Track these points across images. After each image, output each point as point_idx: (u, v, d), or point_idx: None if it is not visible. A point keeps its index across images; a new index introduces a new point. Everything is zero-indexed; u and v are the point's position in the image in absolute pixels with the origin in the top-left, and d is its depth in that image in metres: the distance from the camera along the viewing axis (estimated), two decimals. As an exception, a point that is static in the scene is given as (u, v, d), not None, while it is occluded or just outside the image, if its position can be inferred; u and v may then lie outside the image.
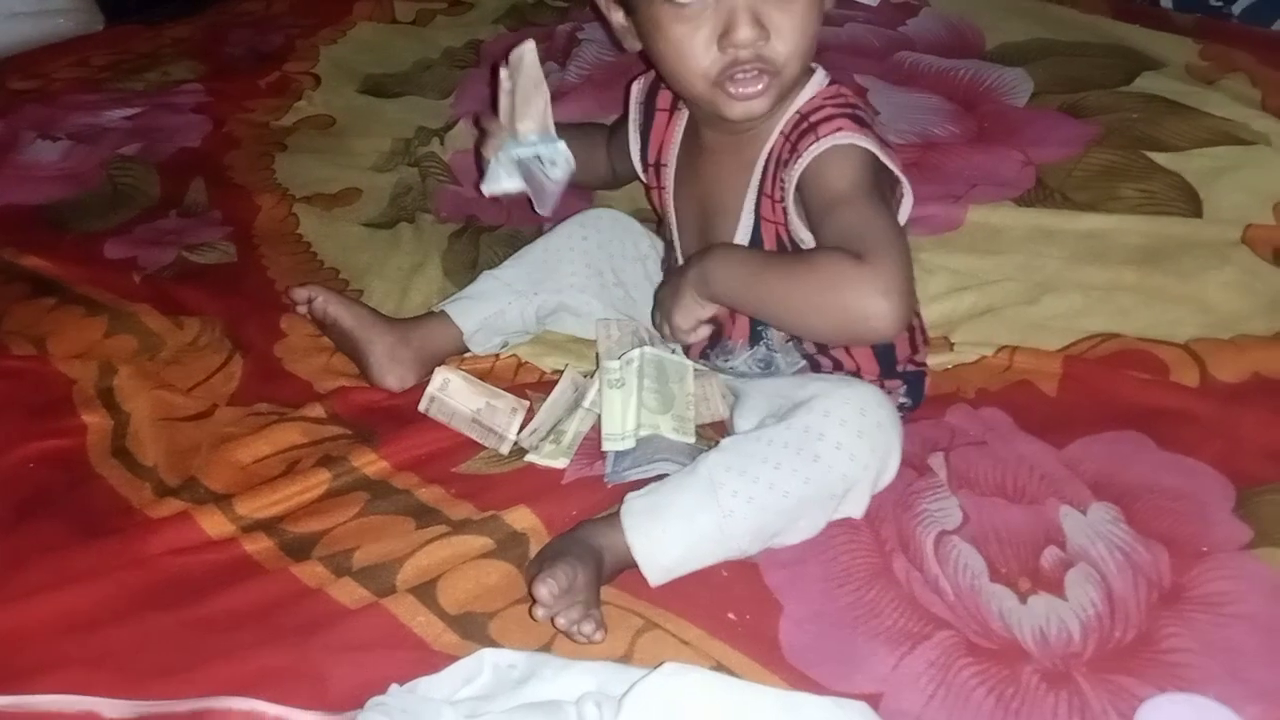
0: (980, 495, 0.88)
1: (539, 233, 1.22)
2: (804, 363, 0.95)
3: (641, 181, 1.08)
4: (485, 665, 0.74)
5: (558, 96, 1.51)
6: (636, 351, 0.92)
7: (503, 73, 0.96)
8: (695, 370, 0.95)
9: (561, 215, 1.10)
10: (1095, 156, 1.28)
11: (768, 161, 0.89)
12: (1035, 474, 0.89)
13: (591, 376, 0.99)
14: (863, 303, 0.76)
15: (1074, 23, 1.60)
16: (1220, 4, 1.60)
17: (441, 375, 0.98)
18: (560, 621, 0.75)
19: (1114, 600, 0.79)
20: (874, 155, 0.84)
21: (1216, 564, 0.81)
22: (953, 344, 1.05)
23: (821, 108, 0.86)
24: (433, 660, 0.77)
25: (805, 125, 0.86)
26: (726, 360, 0.98)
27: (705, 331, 0.91)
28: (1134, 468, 0.89)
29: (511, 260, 1.09)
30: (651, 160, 1.02)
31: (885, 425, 0.83)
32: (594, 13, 1.01)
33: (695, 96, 0.87)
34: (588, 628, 0.75)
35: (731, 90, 0.84)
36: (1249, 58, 1.45)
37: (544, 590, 0.74)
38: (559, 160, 0.95)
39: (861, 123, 0.85)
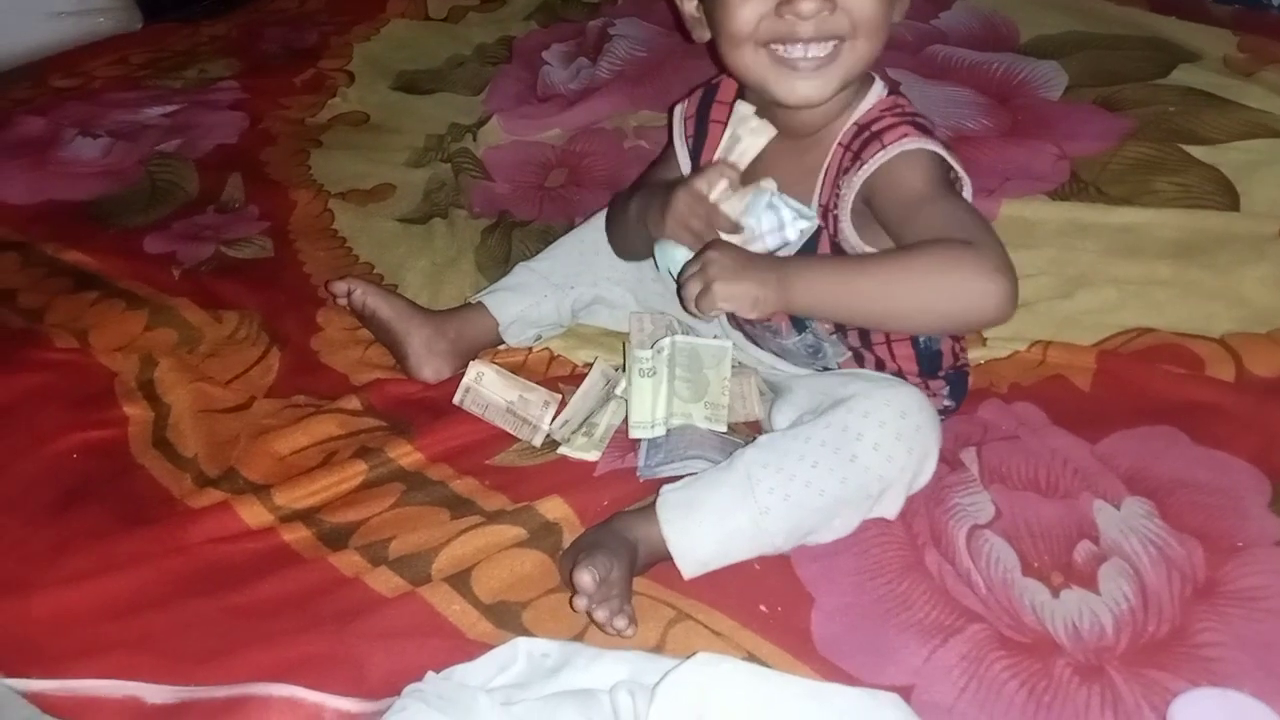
0: (1013, 490, 0.88)
1: (570, 227, 1.23)
2: (849, 353, 0.95)
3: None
4: (520, 653, 0.75)
5: (589, 92, 1.53)
6: (668, 340, 0.93)
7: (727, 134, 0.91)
8: (734, 366, 0.95)
9: (596, 211, 1.10)
10: (1130, 150, 1.27)
11: (828, 171, 0.87)
12: (1068, 468, 0.89)
13: (622, 369, 1.00)
14: (981, 282, 0.74)
15: (1109, 16, 1.59)
16: (1259, -5, 1.58)
17: (476, 368, 0.99)
18: (599, 614, 0.76)
19: (1147, 594, 0.78)
20: (942, 158, 0.84)
21: (1251, 559, 0.80)
22: (985, 339, 1.05)
23: (881, 118, 0.85)
24: (468, 648, 0.78)
25: (868, 134, 0.85)
26: (776, 337, 0.97)
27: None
28: (1168, 462, 0.89)
29: (547, 252, 1.10)
30: None
31: (924, 429, 0.83)
32: (668, 5, 0.98)
33: (745, 69, 0.84)
34: (620, 622, 0.76)
35: (785, 55, 0.81)
36: (1288, 50, 1.44)
37: (587, 578, 0.75)
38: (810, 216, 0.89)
39: (924, 130, 0.85)
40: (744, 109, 0.88)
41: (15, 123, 1.58)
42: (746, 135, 0.88)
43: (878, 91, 0.88)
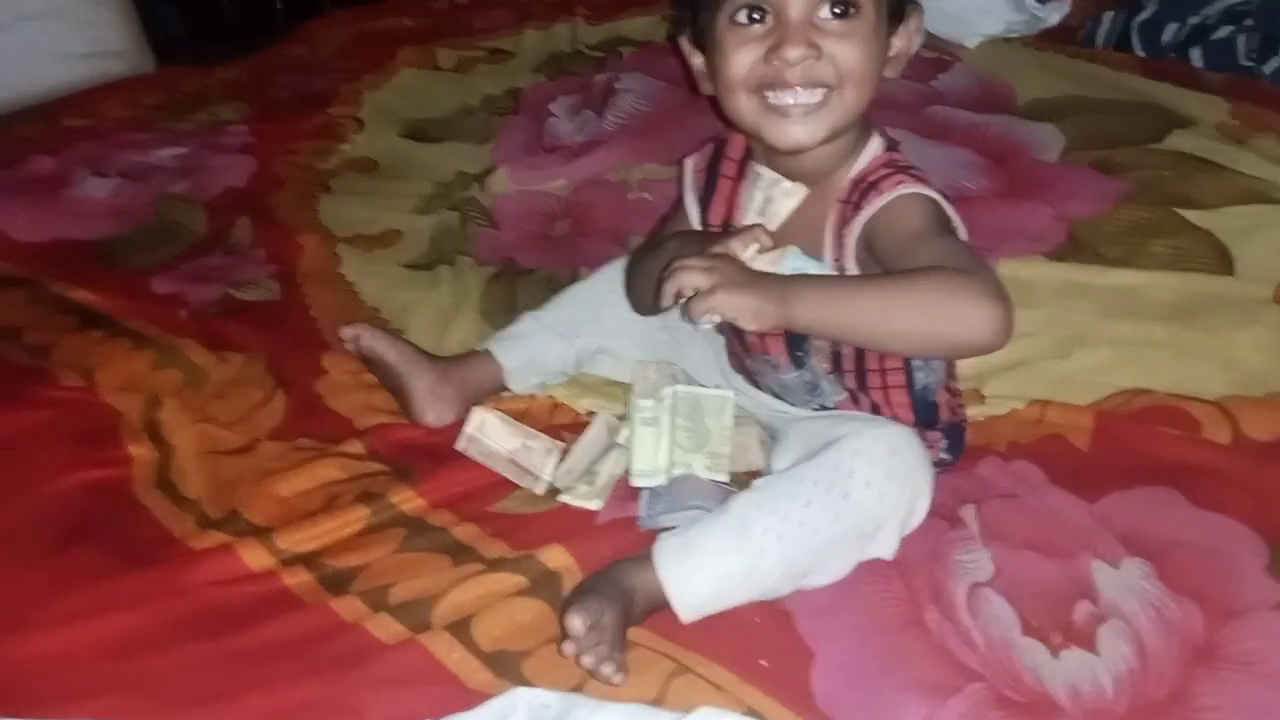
0: (1012, 548, 0.88)
1: (575, 276, 1.25)
2: (845, 394, 0.96)
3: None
4: (519, 704, 0.75)
5: (594, 144, 1.55)
6: (670, 389, 0.94)
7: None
8: (736, 416, 0.96)
9: (601, 261, 1.12)
10: (1126, 212, 1.29)
11: (833, 226, 0.90)
12: (1067, 528, 0.89)
13: (625, 418, 1.01)
14: (979, 307, 0.76)
15: (1105, 80, 1.62)
16: (1251, 64, 1.61)
17: (479, 415, 1.00)
18: (586, 660, 0.76)
19: (1147, 656, 0.79)
20: (938, 204, 0.87)
21: (1249, 622, 0.81)
22: (984, 396, 1.06)
23: (876, 171, 0.89)
24: (467, 698, 0.77)
25: (866, 185, 0.88)
26: (775, 372, 0.98)
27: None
28: (1165, 524, 0.89)
29: (554, 302, 1.12)
30: (717, 223, 1.00)
31: (915, 466, 0.84)
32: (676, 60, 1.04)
33: (740, 115, 0.88)
34: (607, 669, 0.76)
35: (776, 102, 0.85)
36: (1280, 118, 1.47)
37: (577, 621, 0.75)
38: None
39: (921, 180, 0.88)
40: (772, 174, 0.91)
41: (26, 161, 1.60)
42: (780, 197, 0.91)
43: (874, 149, 0.91)
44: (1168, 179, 1.34)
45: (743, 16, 0.85)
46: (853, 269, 0.88)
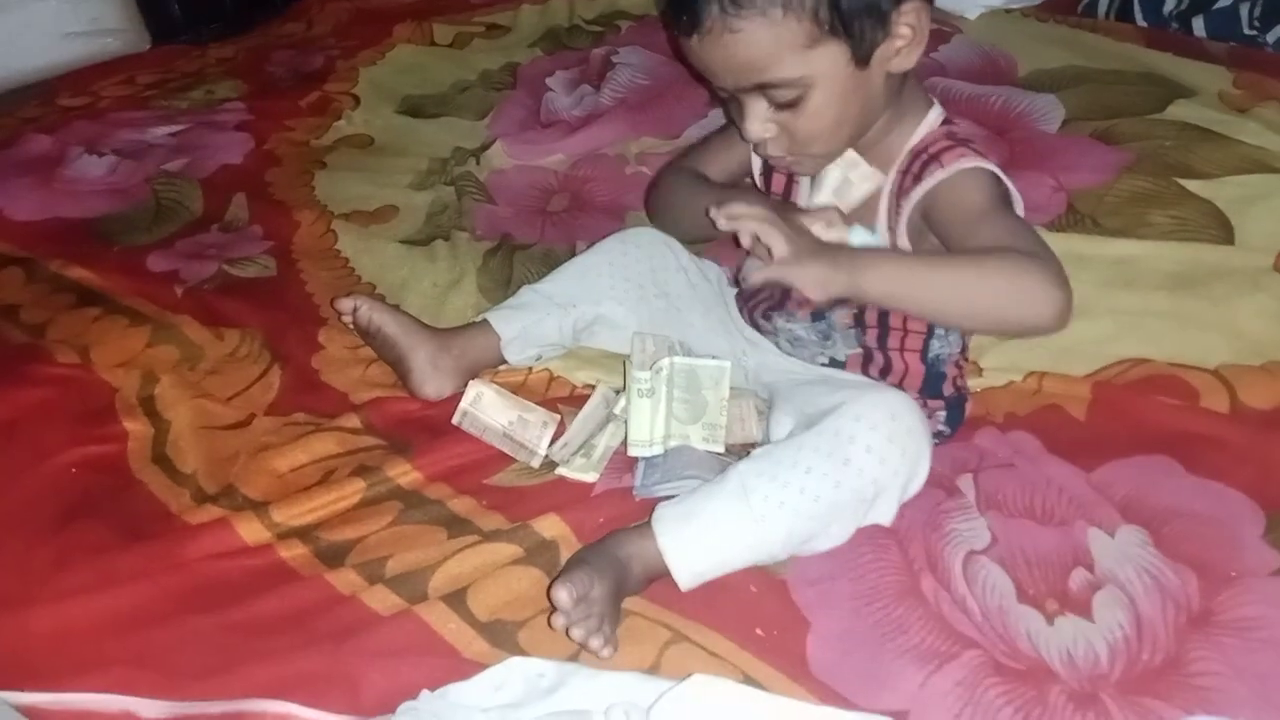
0: (1008, 516, 0.88)
1: (573, 251, 1.24)
2: (859, 349, 0.96)
3: (752, 182, 1.07)
4: (515, 673, 0.75)
5: (592, 118, 1.54)
6: (666, 360, 0.94)
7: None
8: (732, 389, 0.96)
9: (598, 236, 1.11)
10: (1127, 183, 1.28)
11: (892, 195, 0.91)
12: (1064, 496, 0.89)
13: (623, 391, 1.01)
14: (1046, 290, 0.79)
15: (1107, 51, 1.61)
16: (1254, 33, 1.60)
17: (475, 389, 1.00)
18: (575, 633, 0.76)
19: (1142, 623, 0.79)
20: (999, 178, 0.87)
21: (1246, 589, 0.81)
22: (982, 369, 1.05)
23: (936, 142, 0.90)
24: (463, 667, 0.78)
25: (926, 157, 0.89)
26: (787, 321, 0.99)
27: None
28: (1163, 492, 0.89)
29: (551, 275, 1.11)
30: (779, 191, 1.01)
31: (915, 431, 0.83)
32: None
33: None
34: (595, 642, 0.76)
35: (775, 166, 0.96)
36: (1282, 87, 1.45)
37: (563, 594, 0.76)
38: None
39: (981, 154, 0.88)
40: (854, 154, 0.91)
41: (23, 140, 1.60)
42: (858, 181, 0.91)
43: (933, 119, 0.91)
44: (1169, 149, 1.33)
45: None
46: (903, 237, 0.90)
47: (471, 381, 1.01)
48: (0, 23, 1.87)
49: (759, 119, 0.88)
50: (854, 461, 0.81)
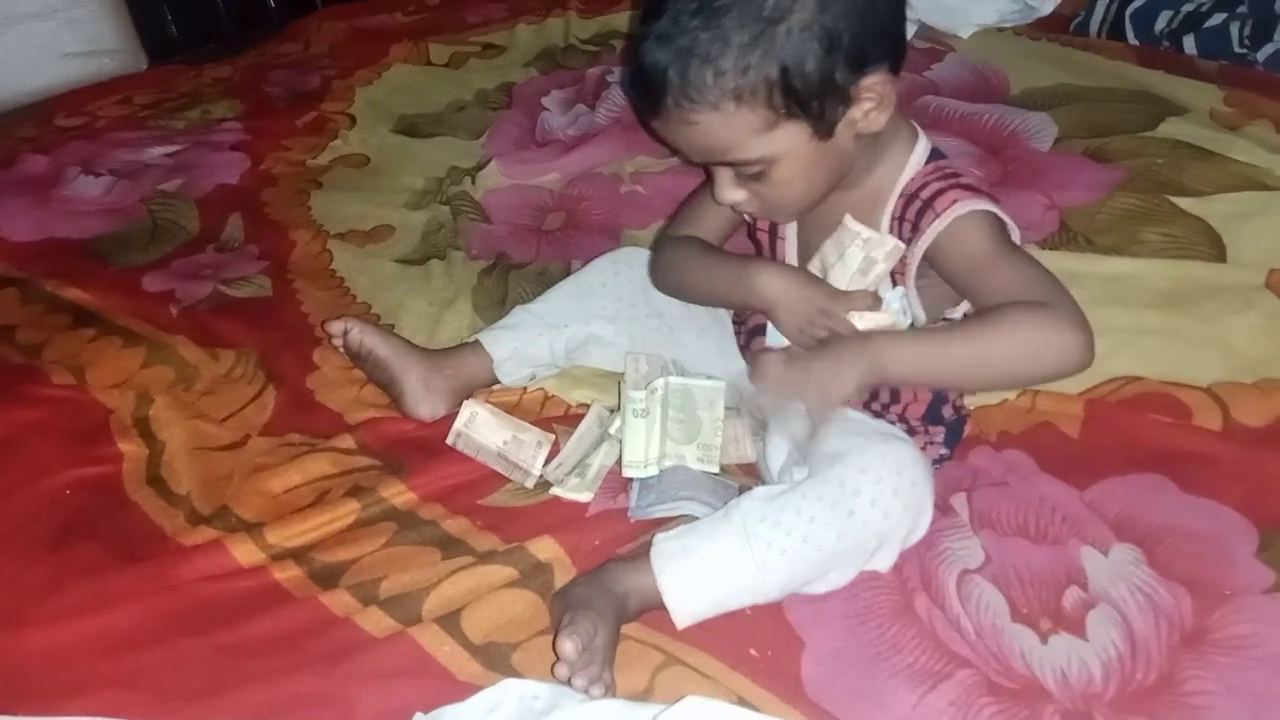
0: (1002, 535, 0.88)
1: (567, 270, 1.24)
2: None
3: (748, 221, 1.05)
4: (509, 695, 0.75)
5: (587, 138, 1.55)
6: (661, 380, 0.94)
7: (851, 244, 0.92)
8: (726, 409, 0.96)
9: (593, 254, 1.12)
10: (1119, 201, 1.29)
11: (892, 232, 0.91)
12: (1057, 515, 0.89)
13: (617, 410, 1.01)
14: (1065, 339, 0.79)
15: (1099, 69, 1.62)
16: (1245, 51, 1.61)
17: (469, 409, 1.00)
18: (577, 683, 0.75)
19: (1135, 641, 0.79)
20: (995, 215, 0.86)
21: (1239, 607, 0.81)
22: (975, 386, 1.06)
23: (927, 184, 0.88)
24: (457, 690, 0.78)
25: (920, 204, 0.88)
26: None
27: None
28: (1156, 510, 0.89)
29: (544, 295, 1.12)
30: (764, 228, 1.01)
31: (919, 485, 0.83)
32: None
33: None
34: (596, 691, 0.76)
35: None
36: (1273, 104, 1.46)
37: (569, 646, 0.75)
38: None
39: (970, 188, 0.87)
40: (869, 231, 0.89)
41: (20, 160, 1.61)
42: (882, 260, 0.90)
43: (920, 154, 0.90)
44: (1161, 167, 1.34)
45: None
46: (911, 287, 0.90)
47: (466, 401, 1.01)
48: (-3, 43, 1.88)
49: (728, 187, 0.88)
50: (858, 514, 0.81)
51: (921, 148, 0.91)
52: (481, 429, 0.99)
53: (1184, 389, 1.02)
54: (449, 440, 1.00)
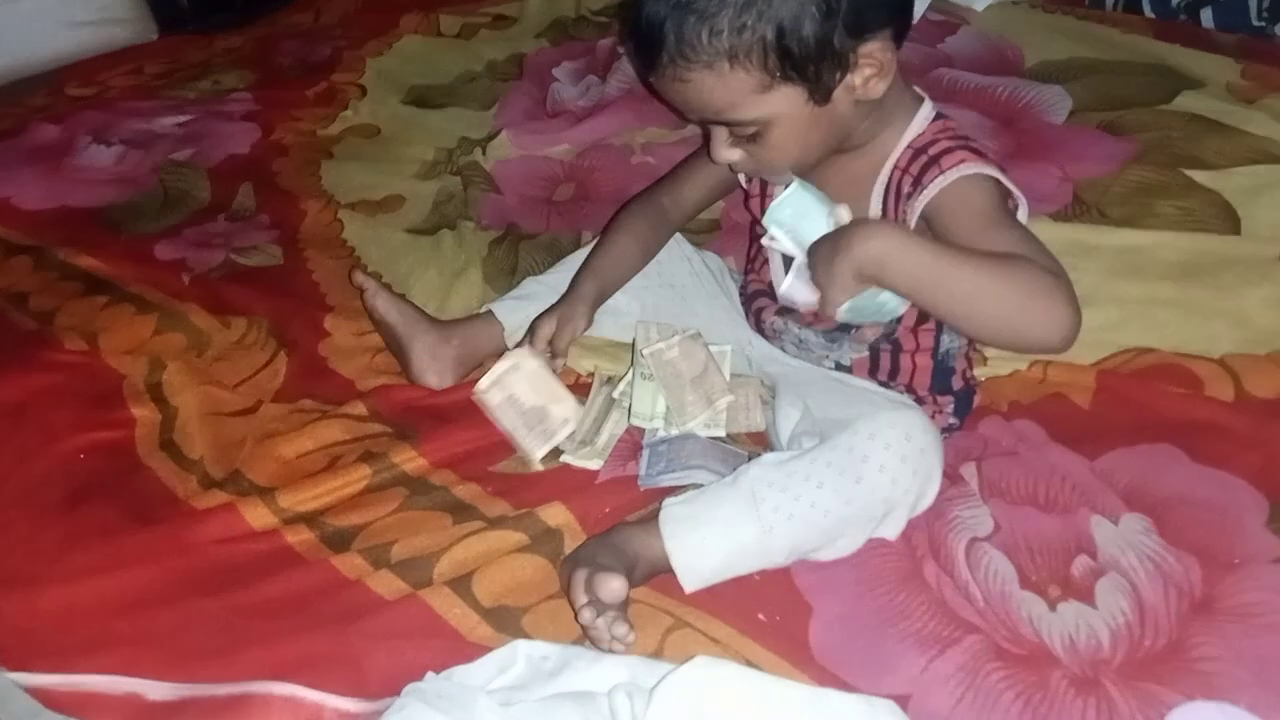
0: (1012, 504, 0.88)
1: (578, 240, 1.24)
2: (865, 352, 0.96)
3: (743, 190, 1.05)
4: (519, 656, 0.76)
5: (598, 109, 1.54)
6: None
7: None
8: (736, 377, 0.96)
9: (603, 226, 1.11)
10: (1133, 173, 1.28)
11: (888, 190, 0.90)
12: (1067, 484, 0.89)
13: (616, 378, 1.02)
14: (1061, 311, 0.76)
15: (1114, 42, 1.60)
16: (1263, 24, 1.59)
17: (513, 358, 0.99)
18: (618, 629, 0.75)
19: (1144, 609, 0.79)
20: (999, 181, 0.85)
21: (1248, 575, 0.81)
22: (986, 357, 1.05)
23: (935, 141, 0.88)
24: (467, 651, 0.78)
25: (925, 159, 0.87)
26: (795, 330, 0.99)
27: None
28: (1166, 480, 0.89)
29: (556, 267, 1.12)
30: (755, 192, 1.01)
31: (928, 451, 0.83)
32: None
33: None
34: (620, 629, 0.76)
35: None
36: (1291, 78, 1.45)
37: (617, 585, 0.75)
38: None
39: (978, 153, 0.86)
40: (843, 213, 0.85)
41: (32, 130, 1.61)
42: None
43: (926, 113, 0.90)
44: (1176, 140, 1.33)
45: None
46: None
47: (514, 349, 1.01)
48: (8, 12, 1.88)
49: (723, 145, 0.87)
50: (866, 480, 0.81)
51: (927, 109, 0.90)
52: (518, 384, 0.99)
53: (1196, 360, 1.02)
54: (482, 384, 0.99)
